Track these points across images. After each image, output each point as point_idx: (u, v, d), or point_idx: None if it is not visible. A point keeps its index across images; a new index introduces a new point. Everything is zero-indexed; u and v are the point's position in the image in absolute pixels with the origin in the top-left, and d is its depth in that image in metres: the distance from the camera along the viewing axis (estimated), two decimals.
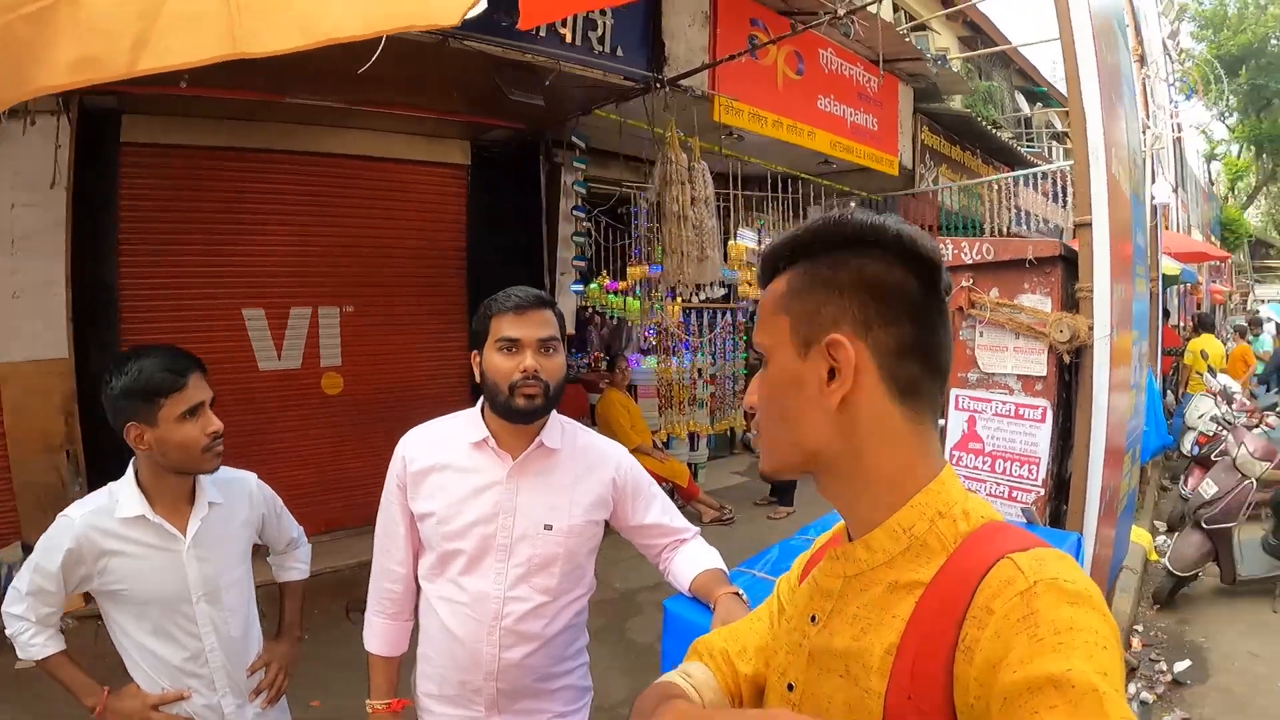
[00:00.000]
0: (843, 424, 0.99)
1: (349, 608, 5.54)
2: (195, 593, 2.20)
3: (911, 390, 0.99)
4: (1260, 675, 5.32)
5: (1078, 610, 0.79)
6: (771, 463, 1.09)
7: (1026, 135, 17.85)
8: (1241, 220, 34.49)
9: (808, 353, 1.00)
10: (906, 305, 0.98)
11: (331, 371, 6.83)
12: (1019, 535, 0.93)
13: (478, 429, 2.09)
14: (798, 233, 1.06)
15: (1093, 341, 3.49)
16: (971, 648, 0.82)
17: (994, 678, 0.78)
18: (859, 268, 0.99)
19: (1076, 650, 0.75)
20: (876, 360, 0.97)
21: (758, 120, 7.33)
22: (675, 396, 9.24)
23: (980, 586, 0.85)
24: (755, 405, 1.10)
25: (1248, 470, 6.38)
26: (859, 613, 0.99)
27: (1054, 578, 0.82)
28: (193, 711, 2.22)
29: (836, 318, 0.98)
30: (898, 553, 0.97)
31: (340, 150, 6.67)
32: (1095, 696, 0.71)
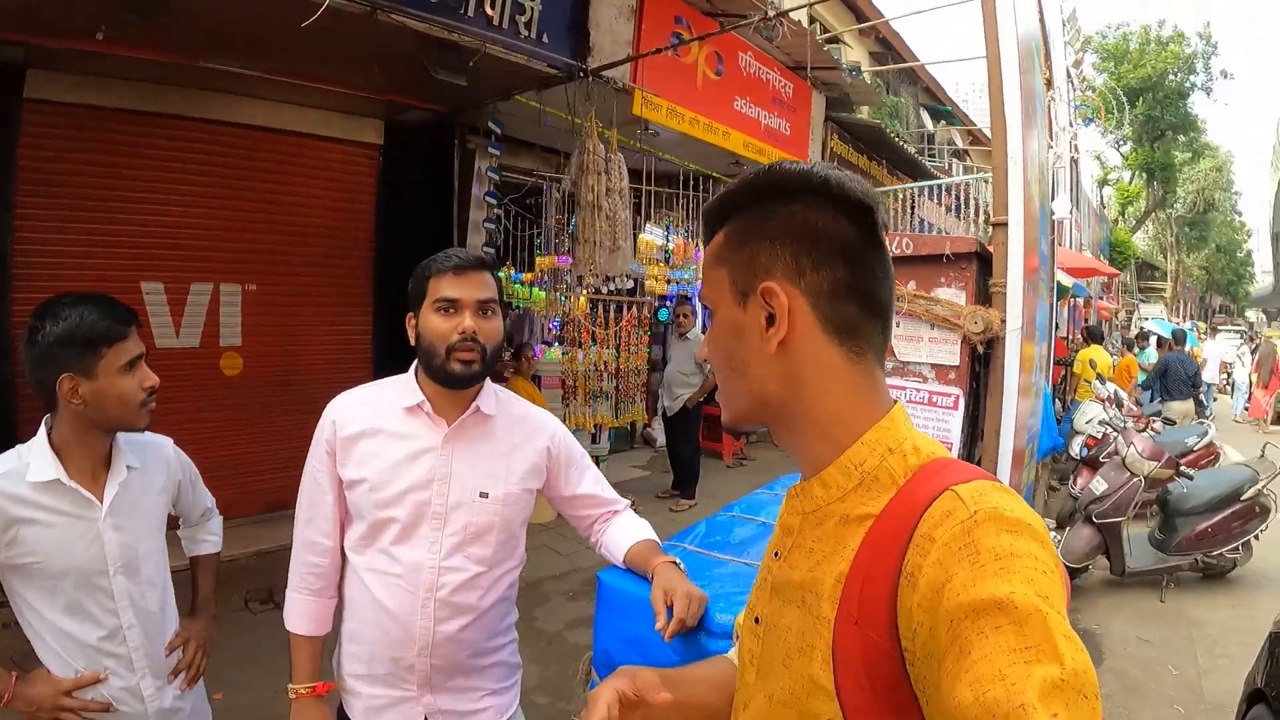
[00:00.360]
0: (785, 368, 1.02)
1: (248, 597, 5.38)
2: (112, 565, 2.06)
3: (851, 330, 1.01)
4: (1151, 659, 5.72)
5: (1017, 538, 0.81)
6: (730, 413, 1.12)
7: (929, 150, 18.32)
8: (1130, 243, 36.18)
9: (746, 302, 1.03)
10: (839, 247, 1.00)
11: (231, 351, 6.64)
12: (964, 468, 0.95)
13: (412, 393, 2.03)
14: (731, 188, 1.08)
15: (1004, 334, 3.65)
16: (914, 574, 0.84)
17: (937, 603, 0.80)
18: (789, 215, 1.01)
19: (1017, 575, 0.77)
20: (811, 303, 1.00)
21: (675, 116, 7.39)
22: (579, 388, 9.24)
23: (924, 516, 0.87)
24: (707, 357, 1.13)
25: (1136, 469, 6.77)
26: (814, 546, 1.02)
27: (994, 507, 0.84)
28: (110, 695, 2.08)
29: (769, 265, 1.01)
30: (851, 488, 1.00)
31: (252, 121, 6.47)
32: (1039, 616, 0.73)
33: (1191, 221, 46.36)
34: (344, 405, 2.07)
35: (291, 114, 6.65)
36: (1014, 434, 3.77)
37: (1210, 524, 6.98)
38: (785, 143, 9.30)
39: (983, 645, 0.74)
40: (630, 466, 10.53)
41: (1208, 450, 9.17)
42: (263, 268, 6.74)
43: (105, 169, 5.77)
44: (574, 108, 6.23)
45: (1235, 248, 59.01)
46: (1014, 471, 3.82)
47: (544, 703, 4.52)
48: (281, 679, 2.15)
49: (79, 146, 5.65)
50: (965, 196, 12.56)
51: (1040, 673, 0.70)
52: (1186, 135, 36.39)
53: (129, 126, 5.85)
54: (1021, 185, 3.76)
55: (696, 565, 2.10)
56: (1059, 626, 0.74)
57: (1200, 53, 33.79)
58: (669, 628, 1.74)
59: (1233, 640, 6.10)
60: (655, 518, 2.32)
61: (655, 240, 9.20)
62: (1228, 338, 32.65)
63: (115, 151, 5.80)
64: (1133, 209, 40.06)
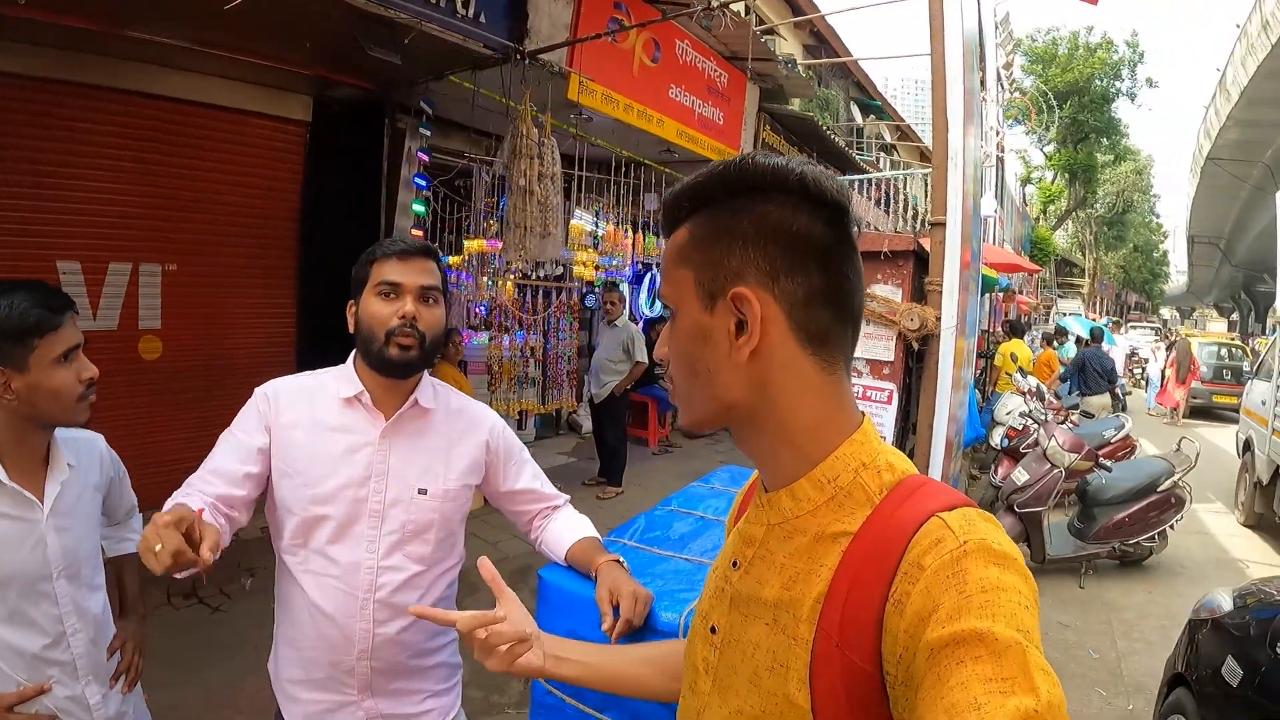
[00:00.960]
0: (755, 377, 0.97)
1: (170, 592, 5.22)
2: (55, 568, 1.95)
3: (823, 339, 0.98)
4: (1072, 643, 5.93)
5: (1004, 571, 0.82)
6: (689, 417, 1.06)
7: (858, 144, 18.51)
8: (1050, 240, 37.12)
9: (713, 306, 0.98)
10: (813, 252, 0.96)
11: (150, 334, 6.35)
12: (941, 490, 0.95)
13: (350, 384, 1.96)
14: (698, 180, 1.02)
15: (939, 331, 3.68)
16: (902, 601, 0.84)
17: (922, 630, 0.80)
18: (762, 215, 0.96)
19: (1001, 608, 0.78)
20: (785, 311, 0.96)
21: (610, 102, 7.33)
22: (505, 374, 9.15)
23: (911, 543, 0.86)
24: (665, 358, 1.07)
25: (1057, 460, 6.99)
26: (786, 562, 0.99)
27: (983, 539, 0.84)
28: (55, 706, 1.96)
29: (741, 269, 0.96)
30: (822, 502, 0.97)
31: (174, 93, 6.19)
32: (1019, 649, 0.74)
33: (1110, 221, 47.89)
34: (280, 389, 1.98)
35: (216, 87, 6.39)
36: (946, 426, 3.81)
37: (1128, 514, 7.24)
38: (718, 132, 9.30)
39: (960, 673, 0.74)
40: (556, 453, 10.48)
41: (1125, 443, 9.46)
42: (184, 247, 6.47)
43: (18, 140, 5.47)
44: (509, 90, 6.13)
45: (1152, 248, 61.05)
46: (946, 462, 3.87)
47: (477, 696, 4.46)
48: (208, 676, 2.07)
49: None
50: (893, 191, 12.73)
51: (1014, 703, 0.70)
52: (1109, 139, 37.51)
53: (46, 96, 5.55)
54: (961, 185, 3.79)
55: (639, 562, 2.06)
56: (1036, 660, 0.74)
57: (1127, 60, 34.73)
58: (616, 628, 1.71)
59: (1149, 625, 6.34)
60: (581, 505, 2.28)
61: (585, 226, 9.14)
62: (1143, 334, 33.93)
63: (29, 122, 5.50)
64: (1054, 207, 41.07)
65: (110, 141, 5.93)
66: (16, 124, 5.43)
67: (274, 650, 2.06)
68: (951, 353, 3.70)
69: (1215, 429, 17.38)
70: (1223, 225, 38.47)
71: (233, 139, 6.65)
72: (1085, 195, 39.65)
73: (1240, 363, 19.68)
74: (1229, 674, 3.54)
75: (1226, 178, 29.26)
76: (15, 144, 5.45)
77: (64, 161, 5.70)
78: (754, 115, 10.30)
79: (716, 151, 9.20)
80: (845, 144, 15.27)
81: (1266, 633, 3.23)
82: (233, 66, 6.19)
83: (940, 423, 3.71)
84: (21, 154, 5.49)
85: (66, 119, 5.67)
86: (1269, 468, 8.65)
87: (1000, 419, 9.44)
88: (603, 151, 8.76)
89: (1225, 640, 3.78)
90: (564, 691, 1.93)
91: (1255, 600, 3.98)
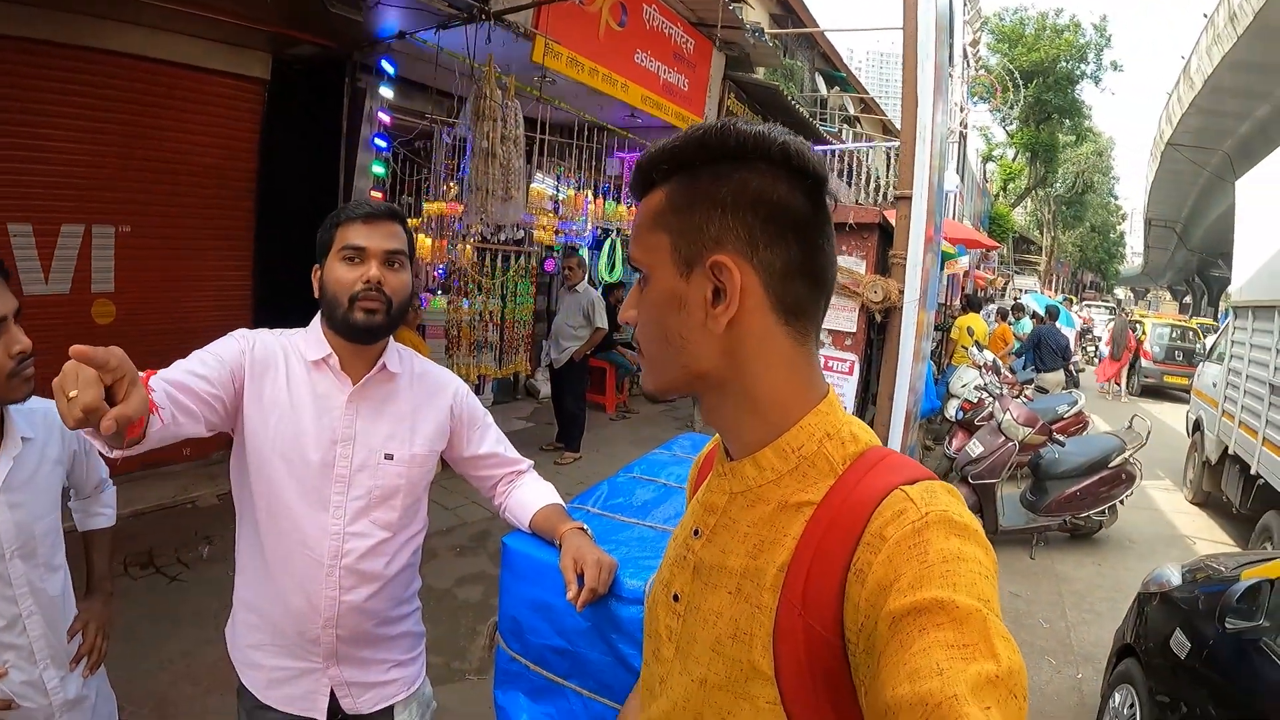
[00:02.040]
0: (728, 346, 0.96)
1: (127, 562, 5.12)
2: (8, 547, 1.88)
3: (798, 311, 0.97)
4: (1023, 612, 6.08)
5: (965, 542, 0.83)
6: (656, 383, 1.05)
7: (821, 115, 18.52)
8: (1009, 217, 37.59)
9: (690, 273, 0.96)
10: (792, 223, 0.95)
11: (103, 298, 6.19)
12: (904, 462, 0.96)
13: (318, 346, 1.92)
14: (676, 143, 0.99)
15: (902, 304, 3.69)
16: (864, 570, 0.85)
17: (884, 599, 0.81)
18: (743, 183, 0.94)
19: (962, 578, 0.79)
20: (763, 281, 0.95)
21: (575, 66, 7.25)
22: (463, 338, 9.09)
23: (874, 514, 0.87)
24: (633, 321, 1.06)
25: (1011, 434, 7.11)
26: (750, 531, 1.00)
27: (944, 510, 0.86)
28: (11, 691, 1.90)
29: (720, 237, 0.94)
30: (786, 471, 0.98)
31: (126, 49, 5.95)
32: (979, 616, 0.75)
33: (1069, 201, 48.37)
34: (257, 338, 1.93)
35: (173, 43, 6.17)
36: (906, 397, 3.84)
37: (1079, 488, 7.38)
38: (683, 98, 9.24)
39: (922, 640, 0.75)
40: (514, 418, 10.50)
41: (1078, 418, 9.60)
42: (138, 208, 6.30)
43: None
44: (473, 51, 6.03)
45: (1109, 229, 61.71)
46: (905, 433, 3.90)
47: (438, 662, 4.45)
48: (166, 648, 2.01)
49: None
50: (856, 164, 12.75)
51: (976, 669, 0.72)
52: (1072, 119, 37.66)
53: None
54: (928, 160, 3.79)
55: (602, 529, 2.06)
56: (996, 628, 0.76)
57: (1094, 43, 34.94)
58: (581, 596, 1.71)
59: (1098, 596, 6.49)
60: (540, 470, 2.27)
61: (546, 190, 9.05)
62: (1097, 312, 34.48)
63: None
64: (1014, 185, 41.37)
65: (62, 99, 5.72)
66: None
67: (232, 616, 2.03)
68: (914, 325, 3.72)
69: (1166, 408, 17.72)
70: (1180, 210, 39.04)
71: (189, 97, 6.46)
72: (1045, 174, 39.95)
73: (1192, 344, 20.08)
74: (1177, 646, 3.62)
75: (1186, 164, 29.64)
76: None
77: (13, 120, 5.49)
78: (719, 83, 10.24)
79: (680, 118, 9.14)
80: (809, 114, 15.25)
81: (1214, 607, 3.30)
82: (190, 22, 5.99)
83: (901, 394, 3.74)
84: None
85: (15, 76, 5.45)
86: (1218, 448, 8.85)
87: (956, 392, 9.57)
88: (566, 115, 8.66)
89: (1173, 613, 3.87)
90: (528, 658, 1.94)
91: (1203, 575, 4.07)
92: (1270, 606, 3.15)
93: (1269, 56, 17.97)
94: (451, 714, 3.83)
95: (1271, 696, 2.95)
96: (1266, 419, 7.06)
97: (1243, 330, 8.60)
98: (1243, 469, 7.76)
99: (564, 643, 1.88)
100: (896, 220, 3.80)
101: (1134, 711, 3.94)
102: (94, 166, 5.98)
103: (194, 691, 3.96)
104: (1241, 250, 9.20)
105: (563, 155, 9.42)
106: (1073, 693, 5.04)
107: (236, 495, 1.96)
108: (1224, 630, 3.19)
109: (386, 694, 2.06)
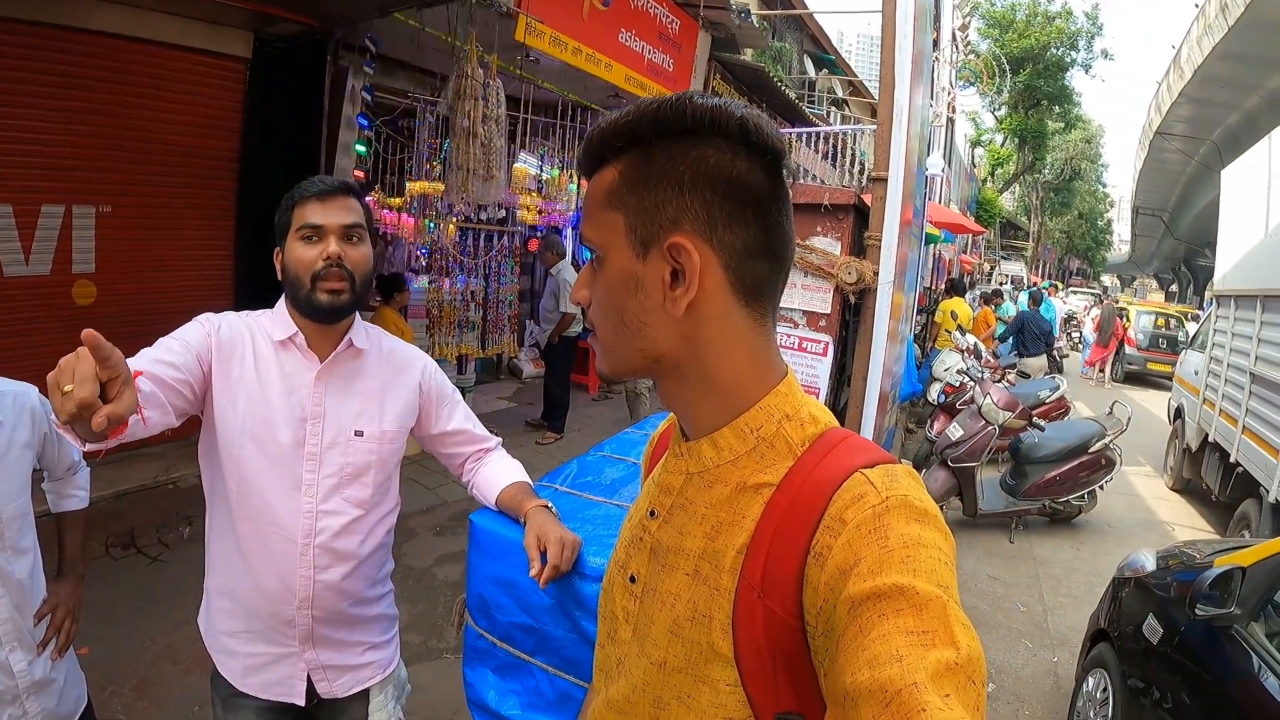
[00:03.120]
0: (687, 328, 0.94)
1: (109, 543, 5.10)
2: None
3: (757, 291, 0.95)
4: (1000, 595, 6.11)
5: (924, 527, 0.83)
6: (612, 365, 1.02)
7: (809, 97, 18.48)
8: (996, 202, 37.60)
9: (646, 254, 0.93)
10: (752, 200, 0.92)
11: (84, 279, 6.12)
12: (863, 445, 0.95)
13: (284, 326, 1.90)
14: (628, 117, 0.94)
15: (876, 286, 3.69)
16: (823, 554, 0.84)
17: (843, 583, 0.80)
18: (700, 159, 0.90)
19: (921, 563, 0.78)
20: (722, 262, 0.92)
21: (558, 45, 7.19)
22: (445, 318, 9.06)
23: (834, 498, 0.87)
24: (586, 301, 1.02)
25: (991, 418, 7.13)
26: (707, 513, 0.98)
27: (904, 495, 0.85)
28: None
29: (677, 217, 0.91)
30: (744, 452, 0.97)
31: (110, 28, 5.88)
32: (939, 603, 0.75)
33: (1057, 188, 48.59)
34: (223, 321, 1.91)
35: (153, 21, 6.09)
36: (880, 379, 3.85)
37: (1059, 472, 7.43)
38: (668, 79, 9.18)
39: (882, 626, 0.74)
40: (496, 398, 10.55)
41: (1059, 404, 9.64)
42: (118, 188, 6.24)
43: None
44: (455, 29, 5.98)
45: (1097, 216, 61.95)
46: (878, 415, 3.93)
47: (417, 641, 4.48)
48: (147, 627, 2.00)
49: None
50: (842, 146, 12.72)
51: (935, 656, 0.71)
52: (1061, 106, 37.68)
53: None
54: (904, 143, 3.80)
55: (569, 507, 2.06)
56: (956, 614, 0.75)
57: (1085, 31, 34.89)
58: (544, 574, 1.71)
59: (1076, 580, 6.54)
60: (522, 448, 2.26)
61: (529, 169, 9.01)
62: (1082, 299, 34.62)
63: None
64: (1002, 171, 41.39)
65: (42, 80, 5.66)
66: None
67: (205, 603, 2.02)
68: (888, 307, 3.73)
69: (1148, 395, 17.83)
70: (1167, 198, 39.20)
71: (170, 76, 6.40)
72: (1034, 160, 40.00)
73: (1175, 332, 20.20)
74: (1149, 631, 3.65)
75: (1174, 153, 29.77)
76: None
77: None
78: (704, 63, 10.18)
79: None
80: (796, 96, 15.23)
81: (1186, 594, 3.32)
82: (171, 0, 5.93)
83: (874, 375, 3.75)
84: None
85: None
86: (1198, 435, 8.89)
87: (938, 375, 9.60)
88: (549, 95, 8.62)
89: (1147, 599, 3.90)
90: (495, 635, 1.95)
91: (1177, 562, 4.11)
92: (1242, 594, 3.17)
93: (1259, 48, 18.07)
94: (428, 692, 3.86)
95: (1242, 684, 2.97)
96: (1246, 407, 7.10)
97: (1225, 319, 8.64)
98: (1222, 456, 7.80)
99: (529, 620, 1.89)
100: (872, 202, 3.80)
101: (1107, 696, 3.97)
102: (74, 147, 5.91)
103: (174, 671, 3.97)
104: (1225, 239, 9.23)
105: (546, 135, 9.38)
106: (1048, 676, 5.07)
107: (207, 480, 1.94)
108: (1195, 618, 3.21)
109: (362, 677, 2.07)
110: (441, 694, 3.94)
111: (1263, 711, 2.80)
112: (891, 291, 3.72)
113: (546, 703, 1.93)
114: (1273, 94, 20.59)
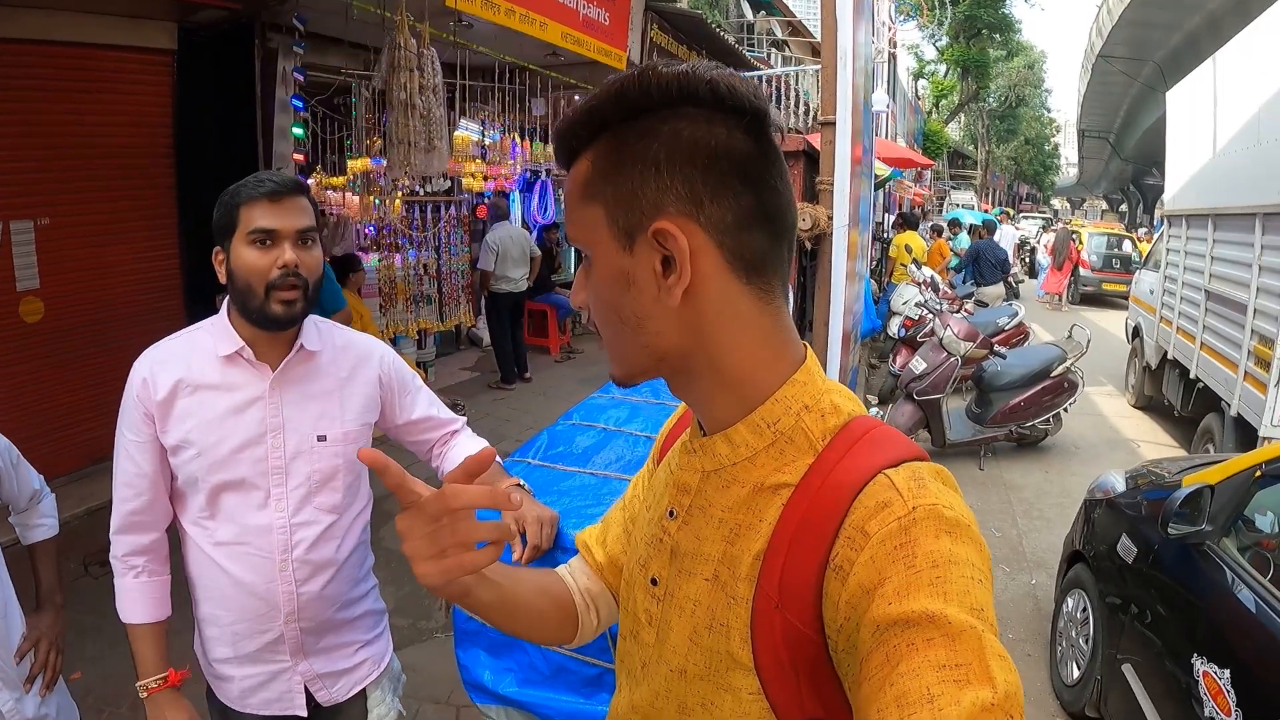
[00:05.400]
0: (688, 318, 0.88)
1: (86, 561, 4.99)
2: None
3: (759, 265, 0.89)
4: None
5: (956, 542, 0.77)
6: (621, 368, 0.97)
7: (748, 41, 18.34)
8: (943, 133, 37.73)
9: (633, 245, 0.87)
10: (737, 167, 0.85)
11: (30, 295, 5.87)
12: (890, 441, 0.89)
13: (229, 340, 1.81)
14: (592, 101, 0.88)
15: (832, 230, 3.67)
16: (844, 568, 0.79)
17: (867, 604, 0.75)
18: (673, 134, 0.84)
19: (953, 585, 0.73)
20: (714, 240, 0.86)
21: (491, 8, 7.02)
22: (399, 294, 9.00)
23: (855, 504, 0.81)
24: (584, 305, 0.97)
25: (953, 349, 7.21)
26: (725, 516, 0.93)
27: (933, 504, 0.79)
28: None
29: (658, 199, 0.85)
30: (762, 448, 0.91)
31: (24, 34, 5.58)
32: (974, 634, 0.70)
33: (1002, 115, 48.83)
34: (154, 361, 1.82)
35: (65, 23, 5.80)
36: (842, 319, 3.85)
37: (1023, 398, 7.55)
38: (604, 33, 9.00)
39: (911, 659, 0.69)
40: (459, 369, 10.51)
41: (1018, 330, 9.77)
42: (55, 199, 6.00)
43: None
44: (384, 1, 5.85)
45: (1043, 141, 62.49)
46: (843, 355, 3.93)
47: (404, 625, 4.47)
48: None
49: None
50: (785, 88, 12.67)
51: (971, 696, 0.66)
52: (1002, 35, 37.77)
53: None
54: (850, 85, 3.76)
55: (543, 480, 2.05)
56: (991, 645, 0.70)
57: None
58: (524, 554, 1.69)
59: (1047, 503, 6.66)
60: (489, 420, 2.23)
61: (471, 136, 8.88)
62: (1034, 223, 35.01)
63: None
64: (946, 102, 41.49)
65: None
66: None
67: (197, 631, 1.98)
68: (845, 250, 3.72)
69: (1105, 314, 18.06)
70: (1113, 120, 39.53)
71: (94, 77, 6.14)
72: (977, 90, 40.02)
73: (1129, 252, 20.50)
74: (1124, 551, 3.73)
75: (1117, 75, 29.96)
76: None
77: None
78: (640, 15, 10.03)
79: (603, 53, 8.90)
80: (735, 41, 15.11)
81: (1157, 513, 3.38)
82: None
83: (836, 318, 3.75)
84: None
85: None
86: (1158, 353, 9.05)
87: (897, 309, 9.68)
88: (486, 59, 8.46)
89: (1119, 519, 3.98)
90: None
91: (1146, 481, 4.18)
92: (1211, 511, 3.21)
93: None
94: (420, 673, 3.85)
95: (1217, 597, 3.05)
96: (1204, 324, 7.20)
97: (1177, 238, 8.76)
98: (1182, 373, 7.93)
99: None
100: (821, 145, 3.76)
101: (1087, 615, 4.07)
102: (4, 160, 5.68)
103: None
104: (1174, 160, 9.33)
105: (486, 100, 9.24)
106: (1028, 598, 5.17)
107: (176, 512, 1.89)
108: (1168, 536, 3.26)
109: (358, 677, 2.05)
110: (434, 674, 3.94)
111: (1238, 620, 2.88)
112: (848, 232, 3.71)
113: (542, 677, 1.93)
114: (1212, 14, 20.73)
